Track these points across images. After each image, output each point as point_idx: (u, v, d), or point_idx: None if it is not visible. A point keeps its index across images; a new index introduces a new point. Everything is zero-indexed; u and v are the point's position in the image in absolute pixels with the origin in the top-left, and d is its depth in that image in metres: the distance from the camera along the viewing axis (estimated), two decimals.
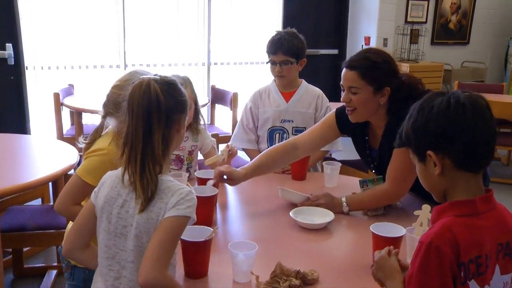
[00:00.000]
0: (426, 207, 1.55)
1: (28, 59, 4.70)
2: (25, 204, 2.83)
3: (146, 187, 1.22)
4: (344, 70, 1.88)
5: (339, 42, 6.20)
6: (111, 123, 1.69)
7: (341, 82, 1.90)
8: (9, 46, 4.60)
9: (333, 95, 6.42)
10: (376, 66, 1.84)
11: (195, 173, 1.95)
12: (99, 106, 1.74)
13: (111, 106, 1.67)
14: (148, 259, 1.18)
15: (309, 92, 2.51)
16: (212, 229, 1.43)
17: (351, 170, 3.33)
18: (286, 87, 2.50)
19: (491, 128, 1.10)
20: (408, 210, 1.93)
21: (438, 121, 1.09)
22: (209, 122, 4.78)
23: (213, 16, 5.52)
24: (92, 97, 4.05)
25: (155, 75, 1.31)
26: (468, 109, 1.08)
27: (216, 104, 4.69)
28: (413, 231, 1.54)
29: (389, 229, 1.52)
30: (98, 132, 1.71)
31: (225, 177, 1.88)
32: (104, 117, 1.70)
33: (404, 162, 1.79)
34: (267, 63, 2.46)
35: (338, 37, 6.19)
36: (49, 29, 4.78)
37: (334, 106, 2.25)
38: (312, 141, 2.09)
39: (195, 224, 1.68)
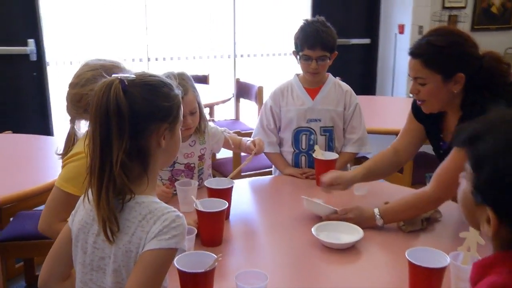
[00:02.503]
0: (474, 229, 1.29)
1: (50, 55, 4.60)
2: (35, 209, 2.69)
3: (106, 217, 0.99)
4: (409, 58, 1.67)
5: (371, 31, 5.87)
6: (81, 127, 1.51)
7: (408, 72, 1.69)
8: (31, 42, 4.50)
9: (365, 87, 6.12)
10: (441, 51, 1.59)
11: (205, 183, 1.73)
12: None
13: (71, 108, 1.49)
14: None
15: (337, 88, 2.24)
16: (215, 256, 1.21)
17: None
18: (313, 83, 2.24)
19: None
20: (450, 225, 1.68)
21: None
22: (234, 118, 4.58)
23: (238, 6, 5.29)
24: None
25: (136, 73, 1.07)
26: None
27: (241, 99, 4.48)
28: (458, 258, 1.29)
29: (429, 255, 1.26)
30: (70, 138, 1.53)
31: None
32: (71, 121, 1.51)
33: (460, 163, 1.54)
34: (299, 58, 2.18)
35: (370, 25, 5.87)
36: (70, 24, 4.67)
37: (365, 99, 1.99)
38: (405, 139, 1.89)
39: (201, 244, 1.50)
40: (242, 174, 2.98)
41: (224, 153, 3.93)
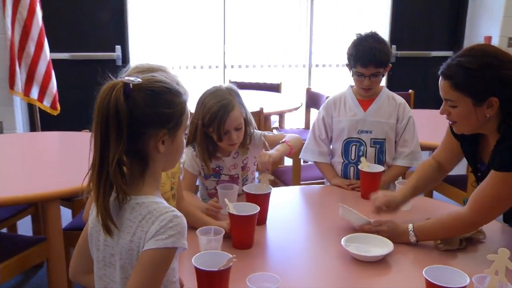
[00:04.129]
0: (504, 252, 1.24)
1: (134, 60, 4.92)
2: None
3: (103, 214, 1.05)
4: (440, 78, 1.59)
5: (455, 43, 5.62)
6: None
7: (439, 91, 1.61)
8: (118, 48, 4.85)
9: None
10: (471, 74, 1.49)
11: (243, 188, 1.79)
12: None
13: None
14: None
15: (390, 100, 2.21)
16: (230, 256, 1.25)
17: (448, 188, 2.94)
18: (366, 96, 2.23)
19: None
20: (494, 248, 1.56)
21: None
22: (304, 127, 4.61)
23: (315, 15, 5.32)
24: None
25: (144, 77, 1.09)
26: None
27: (312, 108, 4.50)
28: (484, 281, 1.23)
29: (449, 275, 1.22)
30: None
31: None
32: None
33: (497, 188, 1.47)
34: (352, 73, 2.19)
35: (453, 37, 5.62)
36: (153, 31, 4.97)
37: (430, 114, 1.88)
38: (446, 153, 1.83)
39: (232, 245, 1.55)
40: (301, 182, 3.01)
41: (285, 161, 3.98)
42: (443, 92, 1.57)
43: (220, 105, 1.83)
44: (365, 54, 2.08)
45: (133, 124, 1.04)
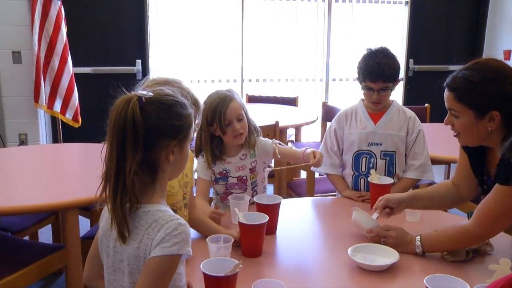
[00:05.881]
0: (505, 262, 1.26)
1: (153, 74, 5.04)
2: None
3: (120, 221, 1.10)
4: (445, 89, 1.65)
5: (473, 57, 5.56)
6: None
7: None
8: (138, 62, 4.98)
9: None
10: (474, 88, 1.55)
11: (254, 198, 1.83)
12: None
13: None
14: None
15: (400, 114, 2.25)
16: (237, 262, 1.30)
17: (466, 203, 2.93)
18: (376, 109, 2.27)
19: None
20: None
21: None
22: (319, 140, 4.65)
23: (333, 29, 5.38)
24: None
25: (154, 90, 1.15)
26: None
27: (328, 122, 4.54)
28: None
29: (450, 284, 1.25)
30: None
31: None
32: None
33: (501, 202, 1.49)
34: (361, 88, 2.24)
35: (472, 50, 5.62)
36: (172, 46, 5.08)
37: (447, 127, 1.92)
38: (461, 174, 1.83)
39: (241, 254, 1.60)
40: (315, 195, 3.05)
41: (301, 174, 4.01)
42: (447, 103, 1.63)
43: (219, 99, 1.95)
44: (374, 69, 2.13)
45: (148, 135, 1.10)
